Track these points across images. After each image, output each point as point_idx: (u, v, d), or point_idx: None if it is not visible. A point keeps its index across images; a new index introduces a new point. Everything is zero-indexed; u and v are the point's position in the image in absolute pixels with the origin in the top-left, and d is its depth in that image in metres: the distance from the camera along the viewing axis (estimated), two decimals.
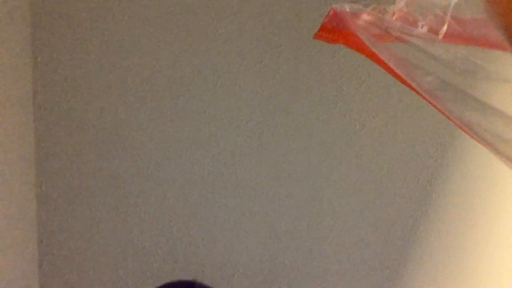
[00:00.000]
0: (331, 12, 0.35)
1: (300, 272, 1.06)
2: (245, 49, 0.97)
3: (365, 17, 0.33)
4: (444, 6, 0.30)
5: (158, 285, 0.91)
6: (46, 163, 0.98)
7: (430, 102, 0.35)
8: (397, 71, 0.34)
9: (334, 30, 0.36)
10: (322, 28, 0.36)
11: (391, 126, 1.01)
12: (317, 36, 0.37)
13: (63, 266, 1.02)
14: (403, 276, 1.06)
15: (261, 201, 1.03)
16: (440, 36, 0.31)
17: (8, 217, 0.92)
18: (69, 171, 0.99)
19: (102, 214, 1.01)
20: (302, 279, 1.07)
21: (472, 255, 1.06)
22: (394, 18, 0.33)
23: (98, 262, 1.03)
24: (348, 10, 0.33)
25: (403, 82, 0.37)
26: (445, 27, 0.30)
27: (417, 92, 0.36)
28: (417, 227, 1.04)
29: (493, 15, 0.27)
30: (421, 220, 1.04)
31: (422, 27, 0.31)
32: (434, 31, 0.31)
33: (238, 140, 1.01)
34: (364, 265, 1.06)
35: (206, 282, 1.05)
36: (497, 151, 0.32)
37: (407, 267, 1.06)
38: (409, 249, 1.05)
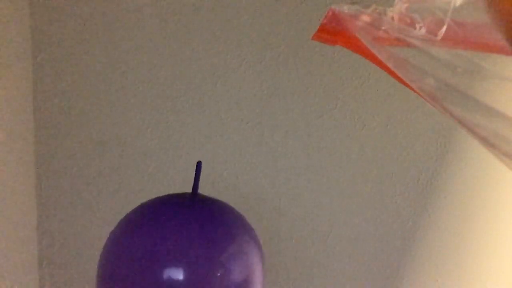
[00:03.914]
0: (330, 13, 0.35)
1: (300, 272, 1.06)
2: (245, 49, 0.97)
3: (364, 18, 0.33)
4: (445, 9, 0.30)
5: None
6: (46, 163, 0.98)
7: (430, 103, 0.35)
8: (397, 72, 0.34)
9: (333, 31, 0.36)
10: (321, 29, 0.36)
11: (391, 126, 1.01)
12: (315, 37, 0.37)
13: (63, 266, 1.02)
14: (403, 276, 1.06)
15: (261, 202, 1.03)
16: (439, 38, 0.31)
17: (8, 217, 0.92)
18: (69, 171, 0.99)
19: (102, 214, 1.01)
20: (302, 279, 1.07)
21: (472, 255, 1.06)
22: (393, 20, 0.32)
23: None
24: (346, 11, 0.33)
25: (403, 83, 0.37)
26: (444, 28, 0.30)
27: (417, 93, 0.36)
28: (417, 227, 1.04)
29: (495, 18, 0.27)
30: (421, 220, 1.04)
31: (420, 28, 0.31)
32: (433, 32, 0.31)
33: (238, 140, 1.01)
34: (364, 265, 1.06)
35: None
36: (497, 151, 0.32)
37: (407, 267, 1.06)
38: (409, 249, 1.05)
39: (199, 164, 0.73)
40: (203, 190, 0.78)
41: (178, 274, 0.61)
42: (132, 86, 0.97)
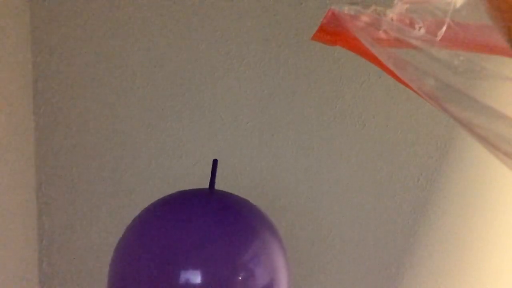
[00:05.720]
0: (329, 13, 0.35)
1: (300, 272, 1.06)
2: (245, 49, 0.97)
3: (364, 19, 0.33)
4: (445, 10, 0.30)
5: None
6: (46, 163, 0.98)
7: (430, 103, 0.35)
8: (396, 72, 0.34)
9: (333, 31, 0.36)
10: (320, 30, 0.36)
11: (391, 126, 1.01)
12: (315, 37, 0.37)
13: (63, 266, 1.02)
14: (403, 276, 1.06)
15: (261, 202, 1.03)
16: (438, 38, 0.31)
17: (8, 217, 0.92)
18: (69, 171, 0.99)
19: (102, 214, 1.01)
20: (302, 279, 1.07)
21: (472, 255, 1.06)
22: (392, 20, 0.32)
23: (98, 262, 1.03)
24: (346, 11, 0.33)
25: (403, 83, 0.37)
26: (443, 29, 0.30)
27: (417, 93, 0.36)
28: (417, 227, 1.04)
29: (495, 18, 0.27)
30: (421, 220, 1.04)
31: (419, 29, 0.31)
32: (432, 33, 0.31)
33: (238, 140, 1.01)
34: (364, 265, 1.06)
35: None
36: (497, 151, 0.32)
37: (407, 267, 1.06)
38: (409, 249, 1.05)
39: (215, 162, 0.71)
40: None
41: (194, 276, 0.55)
42: (132, 86, 0.97)
